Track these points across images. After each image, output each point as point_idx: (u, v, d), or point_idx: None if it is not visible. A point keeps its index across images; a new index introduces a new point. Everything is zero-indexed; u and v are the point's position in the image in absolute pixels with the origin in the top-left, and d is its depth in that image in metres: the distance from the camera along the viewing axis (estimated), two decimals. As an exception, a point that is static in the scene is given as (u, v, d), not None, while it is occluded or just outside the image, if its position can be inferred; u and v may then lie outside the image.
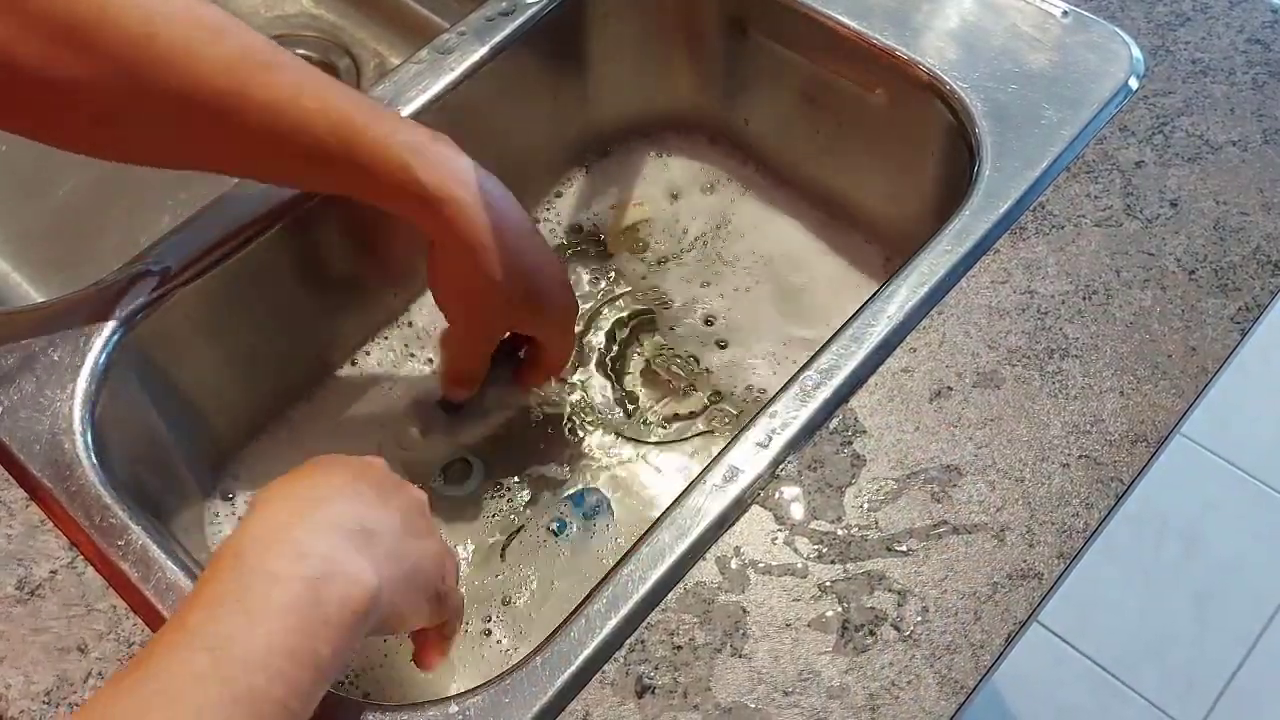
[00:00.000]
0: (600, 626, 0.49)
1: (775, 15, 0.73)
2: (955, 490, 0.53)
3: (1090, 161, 0.64)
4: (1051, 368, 0.56)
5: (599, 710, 0.48)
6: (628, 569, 0.50)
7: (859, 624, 0.49)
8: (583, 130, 0.83)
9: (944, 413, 0.55)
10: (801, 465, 0.54)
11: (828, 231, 0.79)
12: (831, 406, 0.55)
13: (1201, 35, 0.69)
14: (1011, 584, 0.50)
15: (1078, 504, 0.52)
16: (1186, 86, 0.67)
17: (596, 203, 0.82)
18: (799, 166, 0.81)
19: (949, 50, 0.67)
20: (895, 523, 0.52)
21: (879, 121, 0.73)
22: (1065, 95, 0.65)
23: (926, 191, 0.73)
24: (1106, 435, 0.54)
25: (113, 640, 0.50)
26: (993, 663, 0.48)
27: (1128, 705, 1.34)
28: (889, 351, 0.57)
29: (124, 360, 0.59)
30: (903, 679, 0.48)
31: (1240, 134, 0.64)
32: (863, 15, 0.69)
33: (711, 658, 0.49)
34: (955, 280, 0.59)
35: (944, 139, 0.68)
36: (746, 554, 0.51)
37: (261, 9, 0.93)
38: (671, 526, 0.51)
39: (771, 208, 0.81)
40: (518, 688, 0.47)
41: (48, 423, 0.55)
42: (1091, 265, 0.60)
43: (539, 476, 0.70)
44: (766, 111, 0.81)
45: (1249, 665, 1.36)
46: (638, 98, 0.83)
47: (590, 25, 0.77)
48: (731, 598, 0.50)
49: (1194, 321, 0.58)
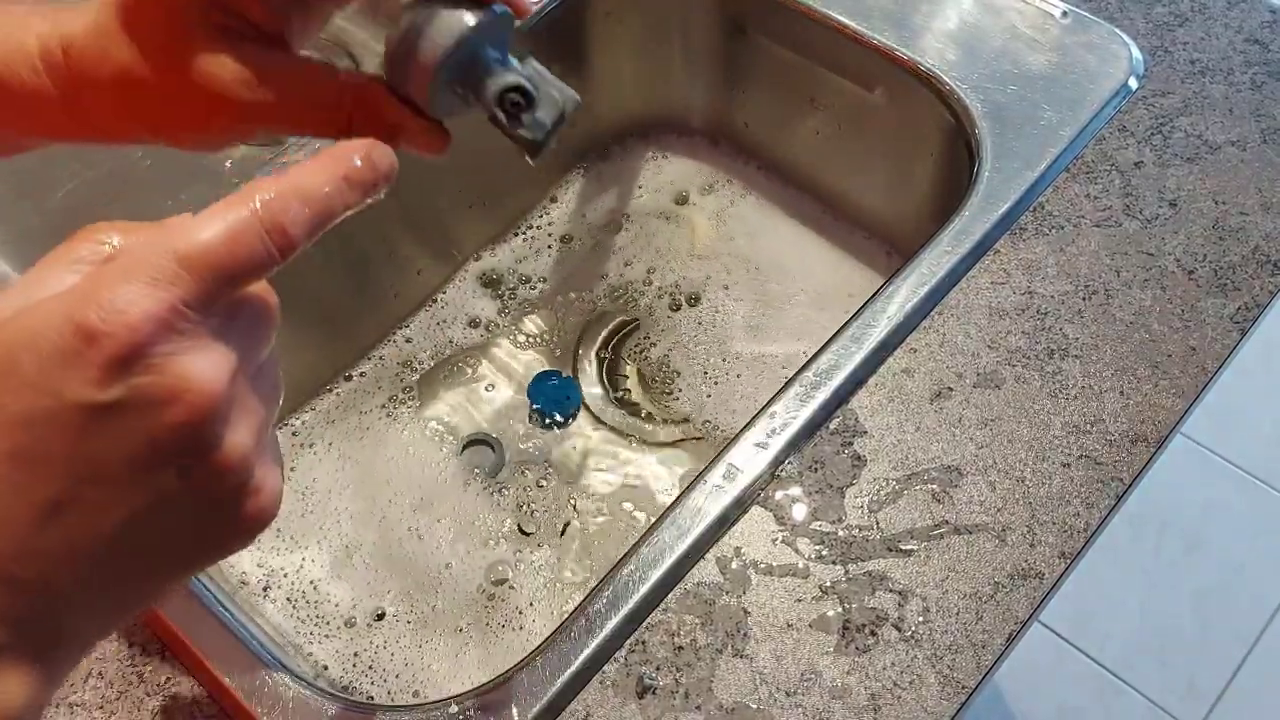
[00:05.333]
0: (601, 626, 0.49)
1: (775, 16, 0.73)
2: (956, 490, 0.53)
3: (1089, 162, 0.64)
4: (1051, 368, 0.56)
5: (600, 711, 0.48)
6: (628, 569, 0.50)
7: (860, 624, 0.49)
8: (582, 131, 0.83)
9: (944, 413, 0.55)
10: (802, 465, 0.54)
11: (828, 232, 0.79)
12: (831, 407, 0.55)
13: (1200, 36, 0.69)
14: (1013, 584, 0.50)
15: (1078, 504, 0.52)
16: (1185, 87, 0.67)
17: (596, 204, 0.82)
18: (798, 167, 0.81)
19: (948, 51, 0.67)
20: (896, 523, 0.52)
21: (879, 122, 0.73)
22: (1064, 96, 0.65)
23: (926, 191, 0.73)
24: (1106, 435, 0.54)
25: (112, 640, 0.50)
26: (994, 662, 0.48)
27: (1128, 704, 1.34)
28: (889, 352, 0.57)
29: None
30: (905, 679, 0.48)
31: (1239, 134, 0.64)
32: (863, 15, 0.69)
33: (713, 658, 0.49)
34: (955, 281, 0.59)
35: (943, 139, 0.68)
36: (747, 554, 0.51)
37: (261, 10, 0.93)
38: (672, 526, 0.51)
39: (772, 209, 0.81)
40: (518, 688, 0.47)
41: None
42: (1091, 265, 0.60)
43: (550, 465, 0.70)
44: (766, 112, 0.81)
45: (1249, 665, 1.36)
46: (637, 98, 0.83)
47: (590, 25, 0.77)
48: (732, 598, 0.50)
49: (1194, 321, 0.58)
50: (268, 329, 0.32)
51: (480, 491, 0.70)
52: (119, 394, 0.27)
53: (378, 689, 0.62)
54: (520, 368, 0.75)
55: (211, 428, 0.28)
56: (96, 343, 0.26)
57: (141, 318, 0.26)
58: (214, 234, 0.28)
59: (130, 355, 0.26)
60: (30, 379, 0.26)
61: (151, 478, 0.28)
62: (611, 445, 0.72)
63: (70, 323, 0.26)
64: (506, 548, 0.68)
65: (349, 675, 0.62)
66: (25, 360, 0.26)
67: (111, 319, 0.26)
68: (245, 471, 0.30)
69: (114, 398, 0.27)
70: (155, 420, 0.27)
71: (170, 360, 0.27)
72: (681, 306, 0.77)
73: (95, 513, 0.28)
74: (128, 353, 0.26)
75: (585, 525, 0.69)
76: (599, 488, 0.70)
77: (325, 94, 0.38)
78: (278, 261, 0.29)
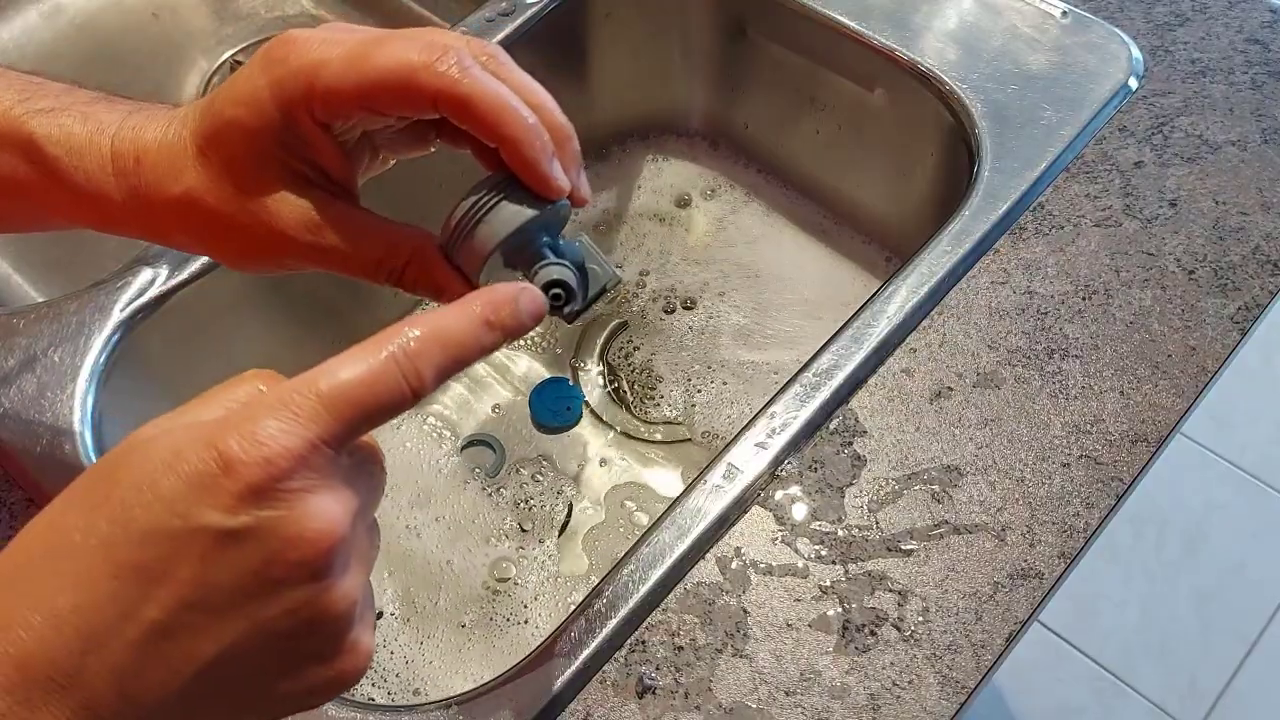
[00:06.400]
0: (601, 626, 0.49)
1: (775, 16, 0.73)
2: (956, 490, 0.53)
3: (1089, 162, 0.64)
4: (1051, 368, 0.56)
5: (600, 710, 0.48)
6: (628, 569, 0.50)
7: (860, 624, 0.49)
8: (582, 132, 0.82)
9: (944, 413, 0.55)
10: (802, 465, 0.54)
11: (827, 238, 0.79)
12: (831, 407, 0.55)
13: (1200, 35, 0.69)
14: (1012, 584, 0.50)
15: (1078, 504, 0.52)
16: (1185, 87, 0.67)
17: (595, 205, 0.82)
18: (799, 167, 0.81)
19: (949, 51, 0.67)
20: (896, 523, 0.52)
21: (879, 122, 0.73)
22: (1064, 95, 0.65)
23: (926, 191, 0.73)
24: (1106, 435, 0.54)
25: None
26: (994, 662, 0.48)
27: (1128, 704, 1.34)
28: (889, 352, 0.57)
29: (124, 361, 0.59)
30: (904, 679, 0.48)
31: (1239, 134, 0.64)
32: (863, 15, 0.69)
33: (713, 658, 0.49)
34: (955, 280, 0.59)
35: (944, 139, 0.68)
36: (747, 554, 0.51)
37: (261, 9, 0.93)
38: (672, 526, 0.51)
39: (772, 209, 0.81)
40: (518, 688, 0.47)
41: (48, 423, 0.55)
42: (1091, 265, 0.60)
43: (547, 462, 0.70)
44: (766, 112, 0.81)
45: (1249, 665, 1.36)
46: (637, 99, 0.83)
47: (590, 26, 0.77)
48: (732, 598, 0.50)
49: (1194, 321, 0.58)
50: (383, 481, 0.32)
51: (480, 490, 0.70)
52: (246, 523, 0.27)
53: (378, 690, 0.62)
54: (519, 369, 0.75)
55: (328, 571, 0.28)
56: (233, 471, 0.27)
57: (279, 452, 0.27)
58: (355, 374, 0.29)
59: (264, 486, 0.27)
60: (163, 496, 0.27)
61: (258, 611, 0.28)
62: (612, 445, 0.72)
63: (211, 448, 0.27)
64: (509, 545, 0.68)
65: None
66: (162, 478, 0.27)
67: (251, 450, 0.27)
68: (348, 621, 0.30)
69: (241, 525, 0.27)
70: (276, 554, 0.27)
71: (300, 497, 0.27)
72: (675, 310, 0.77)
73: (196, 641, 0.27)
74: (262, 484, 0.27)
75: (586, 525, 0.69)
76: (599, 487, 0.70)
77: (383, 248, 0.39)
78: (411, 404, 0.30)
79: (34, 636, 0.27)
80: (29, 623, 0.27)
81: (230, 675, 0.28)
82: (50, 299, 0.60)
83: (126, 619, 0.27)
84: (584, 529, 0.69)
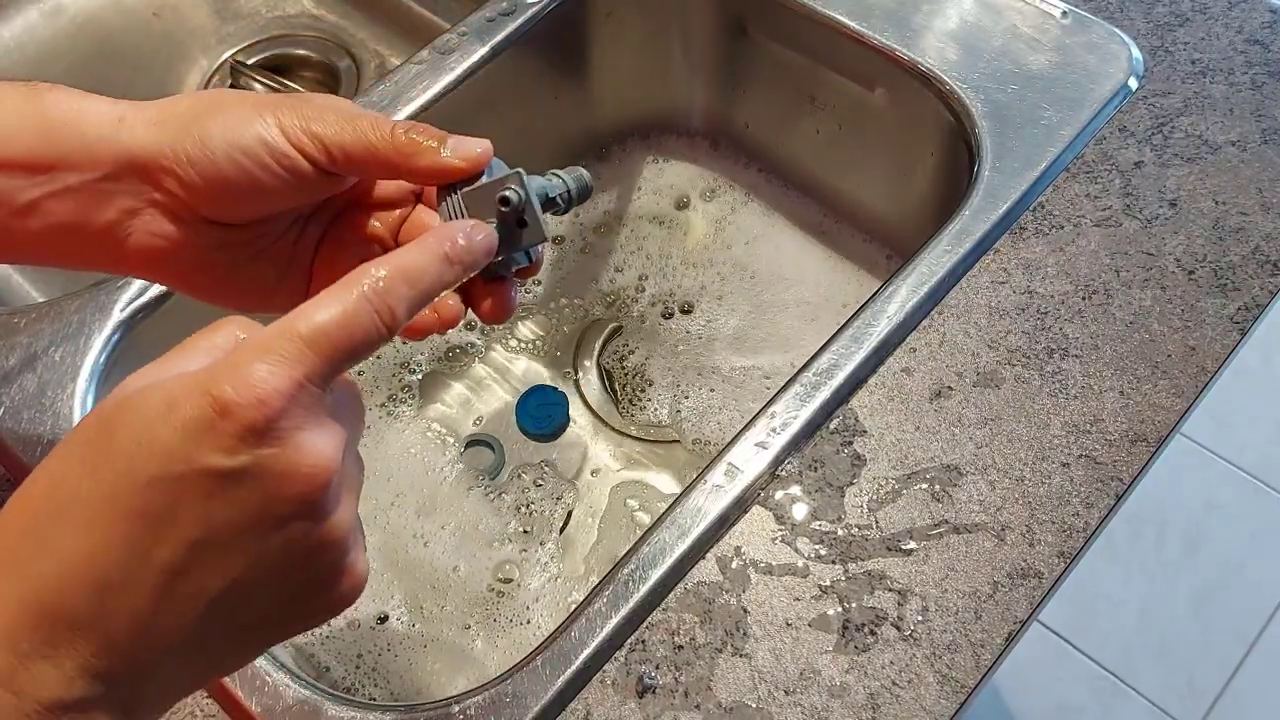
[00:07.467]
0: (601, 626, 0.49)
1: (775, 15, 0.73)
2: (955, 490, 0.53)
3: (1090, 162, 0.64)
4: (1051, 368, 0.56)
5: (600, 710, 0.48)
6: (628, 569, 0.50)
7: (860, 623, 0.49)
8: (582, 132, 0.83)
9: (944, 412, 0.55)
10: (802, 465, 0.54)
11: (827, 238, 0.79)
12: (831, 406, 0.55)
13: (1200, 36, 0.69)
14: (1012, 583, 0.50)
15: (1078, 503, 0.52)
16: (1185, 87, 0.67)
17: (594, 206, 0.82)
18: (799, 168, 0.81)
19: (949, 50, 0.67)
20: (895, 522, 0.52)
21: (879, 122, 0.73)
22: (1065, 95, 0.65)
23: (926, 191, 0.73)
24: (1106, 435, 0.54)
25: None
26: (993, 662, 0.48)
27: (1127, 704, 1.34)
28: (889, 351, 0.57)
29: (124, 360, 0.59)
30: (903, 678, 0.48)
31: (1239, 134, 0.64)
32: (863, 15, 0.69)
33: (713, 657, 0.49)
34: (955, 280, 0.59)
35: (944, 139, 0.68)
36: (747, 554, 0.51)
37: (262, 9, 0.93)
38: (672, 526, 0.52)
39: (772, 209, 0.81)
40: (518, 687, 0.47)
41: (49, 423, 0.55)
42: (1091, 265, 0.60)
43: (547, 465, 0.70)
44: (766, 112, 0.81)
45: (1248, 665, 1.36)
46: (637, 98, 0.83)
47: (591, 26, 0.77)
48: (732, 597, 0.50)
49: (1194, 321, 0.58)
50: (363, 413, 0.35)
51: (482, 493, 0.70)
52: (246, 462, 0.28)
53: (380, 690, 0.62)
54: (519, 370, 0.75)
55: (324, 502, 0.30)
56: (230, 414, 0.28)
57: (271, 393, 0.28)
58: (331, 315, 0.30)
59: (260, 426, 0.28)
60: (164, 444, 0.28)
61: (261, 545, 0.30)
62: (609, 448, 0.72)
63: (206, 395, 0.28)
64: (512, 548, 0.68)
65: (351, 676, 0.62)
66: (161, 427, 0.28)
67: (244, 393, 0.28)
68: (344, 547, 0.32)
69: (240, 464, 0.28)
70: (275, 489, 0.29)
71: (294, 434, 0.29)
72: (673, 315, 0.77)
73: (206, 577, 0.29)
74: (258, 423, 0.28)
75: (586, 525, 0.69)
76: (599, 489, 0.70)
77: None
78: (386, 339, 0.31)
79: (51, 584, 0.28)
80: (45, 571, 0.28)
81: (238, 606, 0.30)
82: (51, 298, 0.60)
83: (140, 562, 0.28)
84: (584, 529, 0.69)
